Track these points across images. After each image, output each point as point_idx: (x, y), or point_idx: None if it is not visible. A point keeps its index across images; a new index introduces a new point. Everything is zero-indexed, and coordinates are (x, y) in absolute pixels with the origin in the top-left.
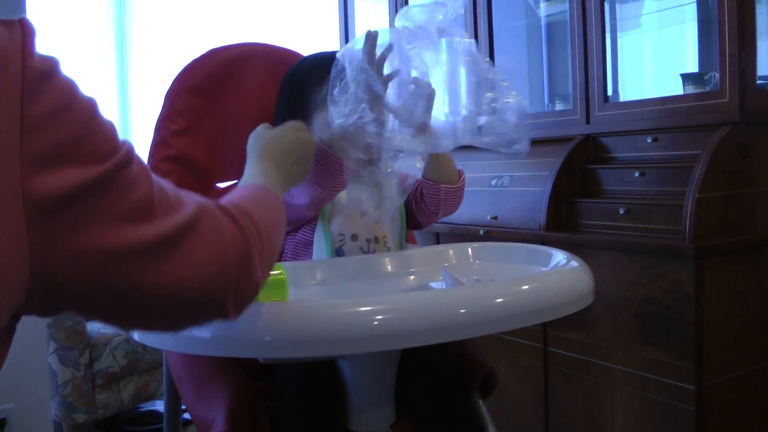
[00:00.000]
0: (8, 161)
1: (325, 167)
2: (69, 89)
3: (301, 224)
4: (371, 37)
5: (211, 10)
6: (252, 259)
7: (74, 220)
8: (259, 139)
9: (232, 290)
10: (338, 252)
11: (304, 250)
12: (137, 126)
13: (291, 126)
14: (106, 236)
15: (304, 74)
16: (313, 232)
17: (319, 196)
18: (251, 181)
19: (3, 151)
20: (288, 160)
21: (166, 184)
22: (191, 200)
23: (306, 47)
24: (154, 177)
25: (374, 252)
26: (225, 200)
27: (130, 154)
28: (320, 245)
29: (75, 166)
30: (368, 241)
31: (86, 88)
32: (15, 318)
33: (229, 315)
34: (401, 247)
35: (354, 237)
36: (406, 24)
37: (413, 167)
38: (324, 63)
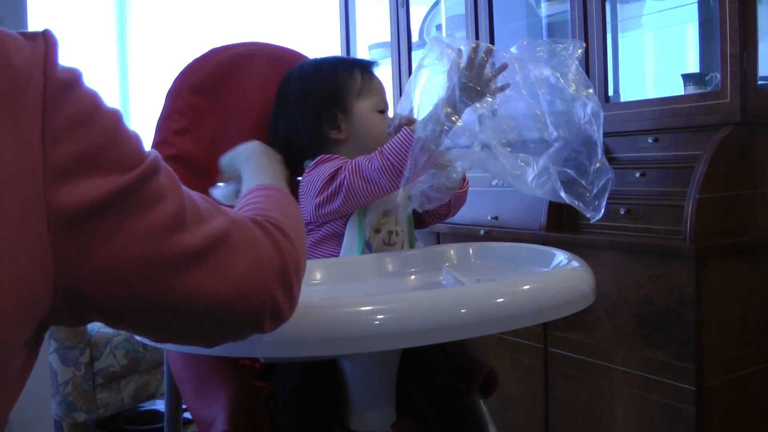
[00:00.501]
0: (30, 172)
1: (415, 163)
2: (92, 100)
3: (341, 213)
4: (488, 51)
5: (211, 10)
6: (288, 272)
7: (101, 231)
8: (235, 153)
9: (269, 305)
10: (367, 244)
11: (327, 243)
12: (138, 125)
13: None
14: (135, 247)
15: (329, 66)
16: (341, 224)
17: (399, 185)
18: (258, 182)
19: (25, 162)
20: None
21: (196, 196)
22: (222, 212)
23: (306, 47)
24: (185, 188)
25: (395, 244)
26: (250, 210)
27: (156, 164)
28: (352, 237)
29: (99, 176)
30: (390, 233)
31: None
32: (42, 327)
33: (265, 329)
34: (411, 243)
35: (377, 230)
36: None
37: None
38: (340, 59)
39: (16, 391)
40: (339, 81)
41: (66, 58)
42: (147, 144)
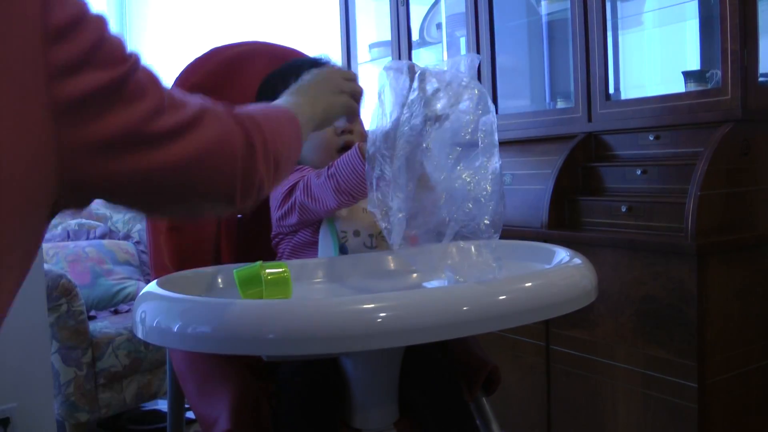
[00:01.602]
0: (32, 68)
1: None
2: (83, 4)
3: (305, 224)
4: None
5: (212, 9)
6: (254, 150)
7: (97, 114)
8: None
9: (239, 176)
10: (342, 248)
11: (303, 251)
12: None
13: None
14: (124, 129)
15: (279, 74)
16: (311, 232)
17: (348, 202)
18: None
19: (27, 59)
20: (320, 87)
21: (173, 89)
22: (196, 99)
23: (307, 46)
24: (162, 82)
25: (376, 247)
26: (235, 108)
27: (139, 61)
28: (327, 243)
29: (95, 70)
30: (371, 236)
31: None
32: (52, 214)
33: (237, 201)
34: None
35: (357, 233)
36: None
37: None
38: (292, 64)
39: (23, 271)
40: (279, 94)
41: None
42: None
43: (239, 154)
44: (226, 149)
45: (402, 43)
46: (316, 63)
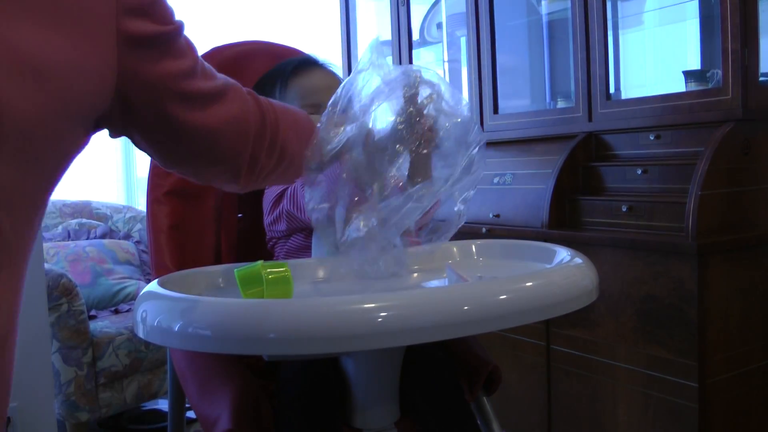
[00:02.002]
0: (107, 6)
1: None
2: None
3: (295, 230)
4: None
5: (212, 9)
6: (265, 131)
7: (147, 58)
8: None
9: (248, 151)
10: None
11: (297, 255)
12: None
13: None
14: (165, 78)
15: (265, 80)
16: (304, 237)
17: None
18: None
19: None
20: None
21: (207, 64)
22: (225, 77)
23: (308, 45)
24: (199, 54)
25: None
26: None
27: (183, 28)
28: (320, 248)
29: (150, 21)
30: None
31: None
32: (96, 126)
33: (241, 178)
34: None
35: None
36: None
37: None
38: (274, 70)
39: (64, 165)
40: (268, 96)
41: None
42: None
43: (252, 132)
44: (243, 126)
45: (402, 42)
46: (302, 63)
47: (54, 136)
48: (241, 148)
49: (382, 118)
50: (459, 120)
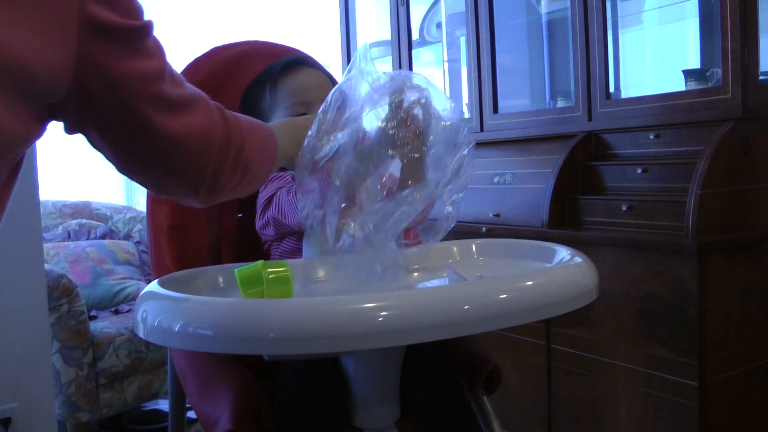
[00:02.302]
0: None
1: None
2: None
3: (285, 234)
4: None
5: (212, 9)
6: (230, 147)
7: (111, 52)
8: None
9: (211, 166)
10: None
11: (291, 257)
12: None
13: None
14: (129, 77)
15: (254, 84)
16: (296, 240)
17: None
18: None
19: None
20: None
21: (176, 71)
22: (193, 88)
23: (307, 45)
24: (168, 62)
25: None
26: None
27: (152, 27)
28: (309, 250)
29: (115, 12)
30: None
31: None
32: (51, 113)
33: (201, 194)
34: None
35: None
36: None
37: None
38: (263, 73)
39: (12, 154)
40: (257, 101)
41: None
42: None
43: (217, 147)
44: (208, 140)
45: (402, 42)
46: (291, 63)
47: None
48: (204, 161)
49: (372, 124)
50: (448, 123)
